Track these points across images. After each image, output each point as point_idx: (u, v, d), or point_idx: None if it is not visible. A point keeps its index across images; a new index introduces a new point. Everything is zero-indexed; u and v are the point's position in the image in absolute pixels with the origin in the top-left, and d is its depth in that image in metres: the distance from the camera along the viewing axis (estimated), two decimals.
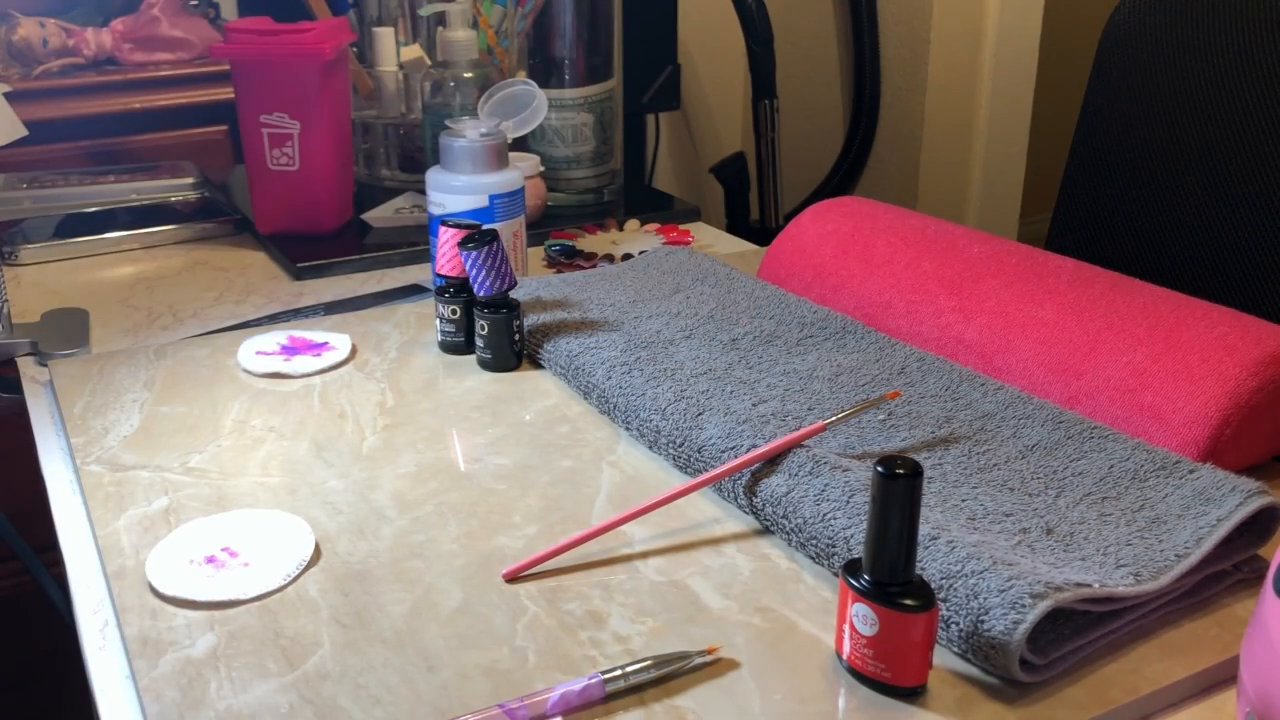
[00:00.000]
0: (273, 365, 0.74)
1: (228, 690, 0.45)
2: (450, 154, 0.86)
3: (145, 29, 1.20)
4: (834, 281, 0.79)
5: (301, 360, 0.75)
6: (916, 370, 0.67)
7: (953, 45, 1.90)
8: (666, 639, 0.48)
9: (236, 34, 1.00)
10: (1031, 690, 0.45)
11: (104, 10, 1.20)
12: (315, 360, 0.75)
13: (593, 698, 0.44)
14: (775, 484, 0.55)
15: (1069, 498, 0.54)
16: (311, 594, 0.51)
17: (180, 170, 1.11)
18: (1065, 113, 1.30)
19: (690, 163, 1.87)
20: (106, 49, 1.19)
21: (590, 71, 1.13)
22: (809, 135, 1.98)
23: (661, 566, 0.53)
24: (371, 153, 1.20)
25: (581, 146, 1.14)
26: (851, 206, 0.84)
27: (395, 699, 0.44)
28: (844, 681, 0.45)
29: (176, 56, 1.20)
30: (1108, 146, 1.05)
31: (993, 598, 0.44)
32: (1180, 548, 0.49)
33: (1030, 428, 0.60)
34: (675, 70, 1.52)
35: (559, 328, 0.75)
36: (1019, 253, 0.73)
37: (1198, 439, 0.58)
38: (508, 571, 0.52)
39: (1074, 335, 0.65)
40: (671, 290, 0.81)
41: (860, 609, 0.44)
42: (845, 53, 1.99)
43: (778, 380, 0.66)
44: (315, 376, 0.74)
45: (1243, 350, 0.59)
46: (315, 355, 0.76)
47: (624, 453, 0.64)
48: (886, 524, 0.43)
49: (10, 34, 1.15)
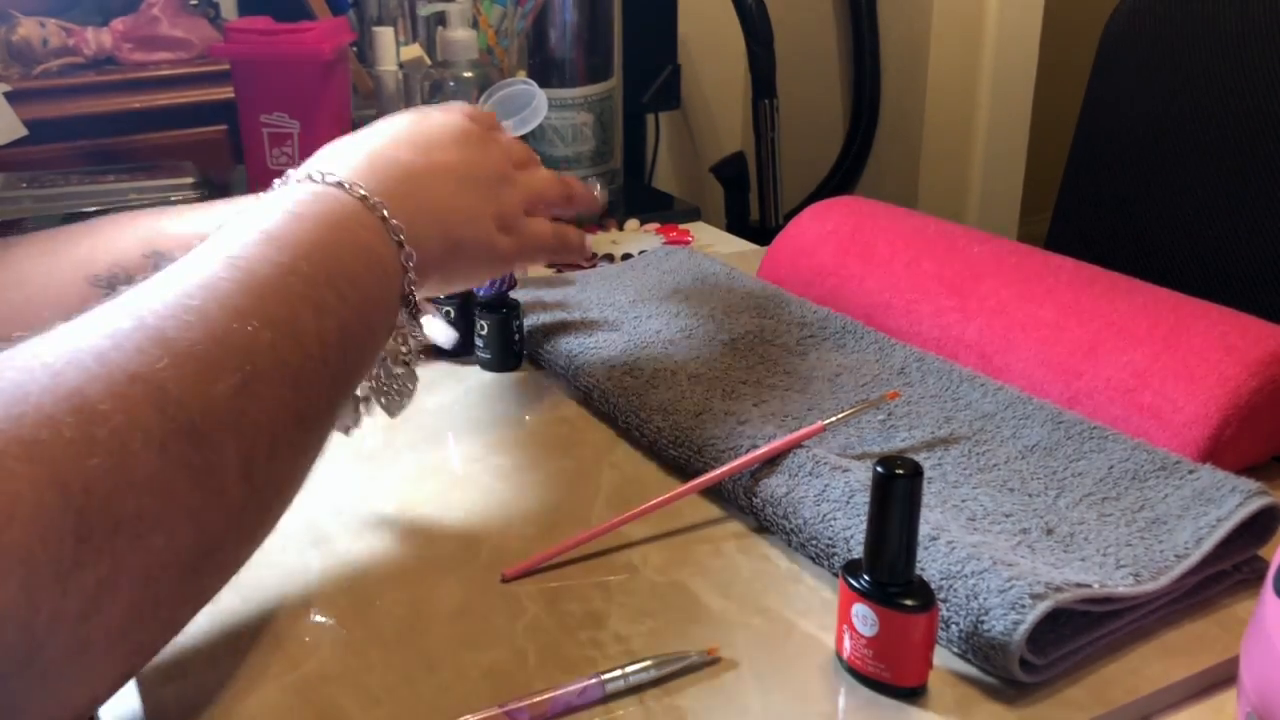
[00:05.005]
0: None
1: (228, 690, 0.45)
2: None
3: (145, 29, 1.19)
4: (834, 281, 0.79)
5: None
6: (916, 370, 0.67)
7: (953, 45, 1.89)
8: (666, 639, 0.48)
9: (236, 34, 1.00)
10: (1031, 690, 0.45)
11: (104, 10, 1.20)
12: None
13: (592, 698, 0.44)
14: (775, 484, 0.55)
15: (1069, 498, 0.54)
16: (312, 594, 0.51)
17: (180, 170, 1.11)
18: (1065, 113, 1.30)
19: (690, 163, 1.87)
20: (106, 49, 1.19)
21: (590, 71, 1.13)
22: (809, 135, 1.98)
23: (661, 566, 0.53)
24: None
25: (581, 146, 1.14)
26: (851, 206, 0.84)
27: (395, 699, 0.44)
28: (844, 681, 0.45)
29: (176, 56, 1.20)
30: (1108, 147, 1.05)
31: (993, 598, 0.44)
32: (1180, 548, 0.49)
33: (1030, 428, 0.60)
34: (675, 70, 1.52)
35: (559, 328, 0.75)
36: (1019, 253, 0.73)
37: (1197, 439, 0.57)
38: (508, 572, 0.52)
39: (1074, 335, 0.65)
40: (671, 290, 0.81)
41: (860, 609, 0.44)
42: (845, 53, 1.99)
43: (778, 380, 0.66)
44: None
45: (1243, 350, 0.59)
46: None
47: (624, 453, 0.64)
48: (886, 524, 0.43)
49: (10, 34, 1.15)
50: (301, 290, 0.43)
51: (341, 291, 0.44)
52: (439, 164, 0.54)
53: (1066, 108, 1.31)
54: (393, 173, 0.51)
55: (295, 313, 0.42)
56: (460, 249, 0.55)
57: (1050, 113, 2.15)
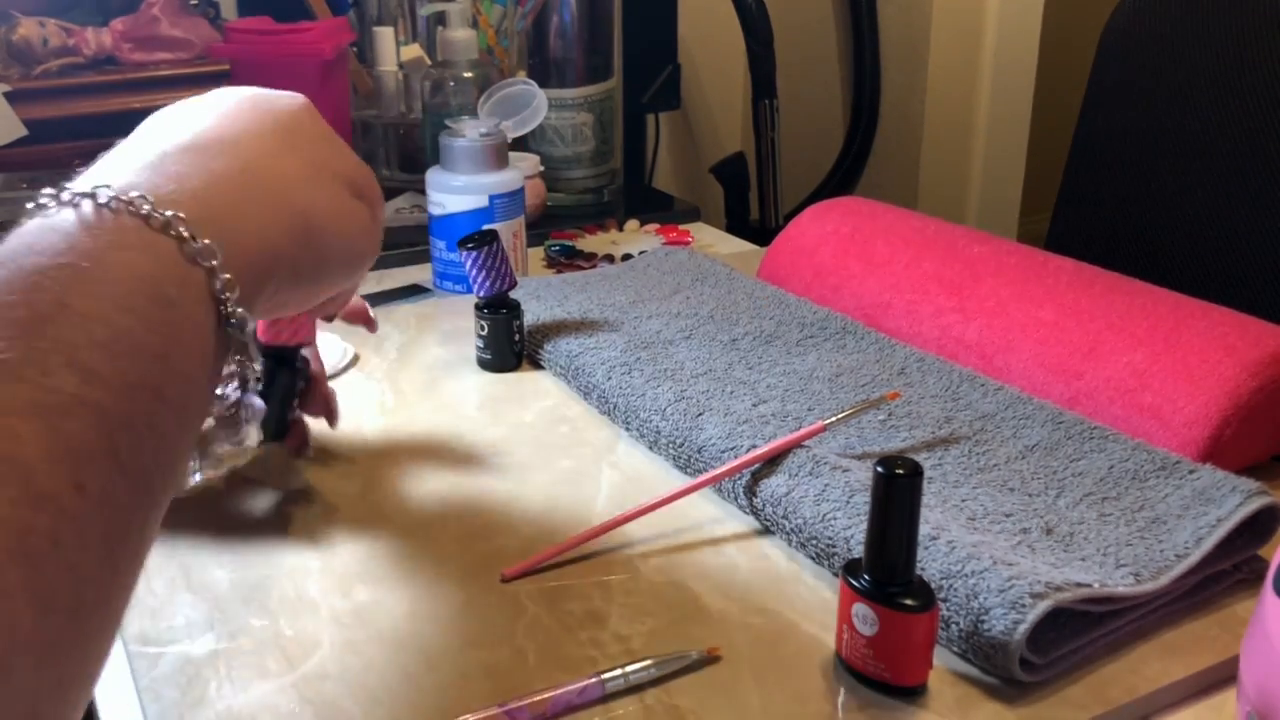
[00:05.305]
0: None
1: (228, 690, 0.45)
2: (450, 154, 0.86)
3: (145, 29, 1.20)
4: (834, 281, 0.79)
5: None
6: (916, 370, 0.67)
7: (953, 45, 1.89)
8: (666, 639, 0.48)
9: (236, 34, 1.00)
10: (1031, 690, 0.45)
11: (104, 10, 1.20)
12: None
13: (592, 697, 0.44)
14: (775, 484, 0.55)
15: (1069, 498, 0.54)
16: (311, 594, 0.51)
17: None
18: (1065, 113, 1.30)
19: (690, 163, 1.87)
20: (106, 49, 1.19)
21: (590, 71, 1.13)
22: (809, 135, 1.98)
23: (661, 566, 0.53)
24: (371, 152, 1.20)
25: (581, 146, 1.14)
26: (851, 206, 0.84)
27: (395, 699, 0.44)
28: (844, 681, 0.45)
29: (176, 56, 1.20)
30: (1108, 146, 1.05)
31: (993, 598, 0.44)
32: (1180, 548, 0.49)
33: (1030, 428, 0.60)
34: (675, 70, 1.52)
35: (559, 328, 0.75)
36: (1019, 253, 0.73)
37: (1198, 439, 0.57)
38: (508, 571, 0.52)
39: (1074, 335, 0.65)
40: (671, 290, 0.81)
41: (860, 609, 0.44)
42: (845, 53, 1.99)
43: (778, 380, 0.66)
44: None
45: (1242, 350, 0.59)
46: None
47: (624, 453, 0.64)
48: (886, 524, 0.43)
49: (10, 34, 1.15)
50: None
51: (86, 364, 0.30)
52: (249, 128, 0.40)
53: (1066, 108, 1.31)
54: (187, 161, 0.37)
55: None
56: (311, 225, 0.40)
57: (1050, 113, 2.15)
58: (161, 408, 0.32)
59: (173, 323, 0.33)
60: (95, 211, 0.33)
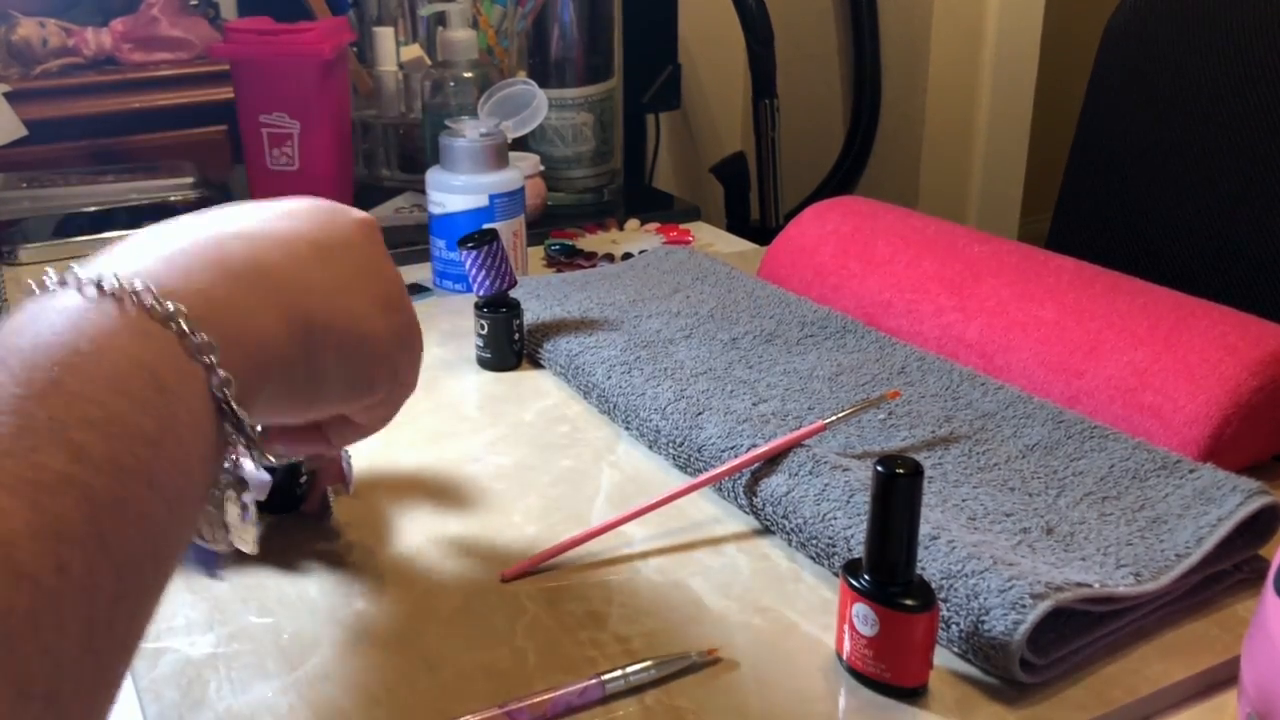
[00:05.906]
0: None
1: (227, 690, 0.45)
2: (450, 154, 0.86)
3: (145, 29, 1.20)
4: (834, 281, 0.79)
5: None
6: (916, 370, 0.67)
7: (953, 45, 1.89)
8: (666, 639, 0.48)
9: (236, 34, 1.00)
10: (1031, 690, 0.45)
11: (104, 10, 1.20)
12: None
13: (592, 698, 0.44)
14: (775, 484, 0.55)
15: (1069, 497, 0.54)
16: (311, 594, 0.51)
17: (179, 170, 1.11)
18: (1065, 113, 1.30)
19: (690, 162, 1.87)
20: (106, 49, 1.19)
21: (590, 71, 1.13)
22: (809, 135, 1.98)
23: (661, 566, 0.53)
24: (371, 152, 1.20)
25: (581, 146, 1.14)
26: (851, 206, 0.84)
27: (395, 700, 0.44)
28: (844, 681, 0.45)
29: (176, 56, 1.20)
30: (1108, 146, 1.05)
31: (993, 598, 0.44)
32: (1181, 548, 0.49)
33: (1030, 427, 0.60)
34: (675, 70, 1.52)
35: (559, 327, 0.75)
36: (1019, 253, 0.73)
37: (1198, 438, 0.57)
38: (507, 572, 0.52)
39: (1074, 335, 0.65)
40: (671, 290, 0.81)
41: (860, 609, 0.44)
42: (845, 53, 1.98)
43: (778, 380, 0.66)
44: None
45: (1243, 350, 0.59)
46: None
47: (624, 452, 0.64)
48: (887, 524, 0.43)
49: (10, 34, 1.15)
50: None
51: (77, 442, 0.29)
52: (284, 230, 0.40)
53: (1066, 108, 1.31)
54: (203, 255, 0.37)
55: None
56: (313, 335, 0.39)
57: (1050, 113, 2.15)
58: (152, 494, 0.31)
59: (169, 411, 0.32)
60: (99, 296, 0.33)
